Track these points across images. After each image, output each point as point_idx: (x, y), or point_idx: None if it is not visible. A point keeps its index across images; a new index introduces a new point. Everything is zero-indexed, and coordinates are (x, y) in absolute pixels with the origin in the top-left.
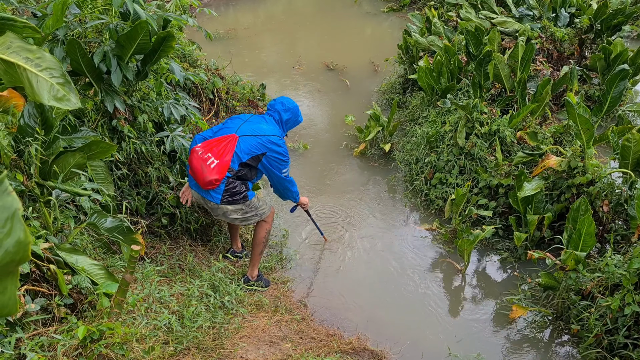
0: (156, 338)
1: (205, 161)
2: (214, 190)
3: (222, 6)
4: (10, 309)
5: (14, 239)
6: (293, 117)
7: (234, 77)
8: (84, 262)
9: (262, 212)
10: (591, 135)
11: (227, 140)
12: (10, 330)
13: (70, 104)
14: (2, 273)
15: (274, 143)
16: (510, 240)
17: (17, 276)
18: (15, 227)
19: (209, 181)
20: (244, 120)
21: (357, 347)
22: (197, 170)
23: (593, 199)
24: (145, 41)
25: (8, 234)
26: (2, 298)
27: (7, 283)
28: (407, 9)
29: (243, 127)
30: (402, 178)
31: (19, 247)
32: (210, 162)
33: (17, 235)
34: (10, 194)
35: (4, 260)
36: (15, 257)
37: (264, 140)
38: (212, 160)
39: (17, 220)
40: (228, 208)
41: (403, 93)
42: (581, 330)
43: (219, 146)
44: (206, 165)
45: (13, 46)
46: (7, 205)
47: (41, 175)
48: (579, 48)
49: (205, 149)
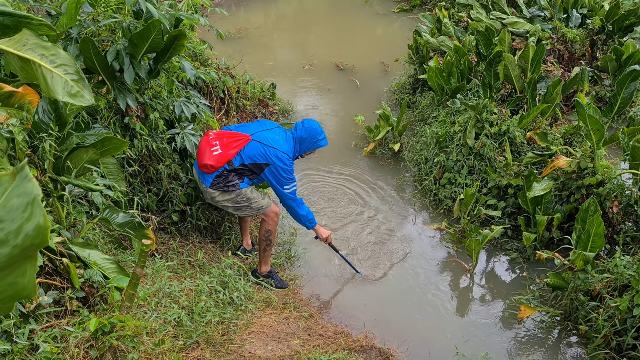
0: (166, 332)
1: (210, 146)
2: (208, 174)
3: (234, 6)
4: (29, 292)
5: (34, 224)
6: (309, 137)
7: (245, 76)
8: (96, 256)
9: (257, 205)
10: (601, 136)
11: (239, 138)
12: (24, 322)
13: (84, 100)
14: (22, 257)
15: (279, 158)
16: (519, 241)
17: (36, 260)
18: (35, 212)
19: (204, 164)
20: (266, 128)
21: (364, 344)
22: (200, 151)
23: (603, 199)
24: (157, 40)
25: (28, 219)
26: (22, 281)
27: (26, 266)
28: (417, 10)
29: (260, 134)
30: (411, 178)
31: (39, 232)
32: (214, 149)
33: (37, 220)
34: (31, 181)
35: (25, 244)
36: (35, 241)
37: (270, 152)
38: (217, 148)
39: (37, 206)
40: (216, 193)
41: (413, 93)
42: (589, 331)
43: (230, 140)
44: (210, 149)
45: (29, 43)
46: (27, 191)
47: (55, 170)
48: (590, 49)
49: (217, 136)
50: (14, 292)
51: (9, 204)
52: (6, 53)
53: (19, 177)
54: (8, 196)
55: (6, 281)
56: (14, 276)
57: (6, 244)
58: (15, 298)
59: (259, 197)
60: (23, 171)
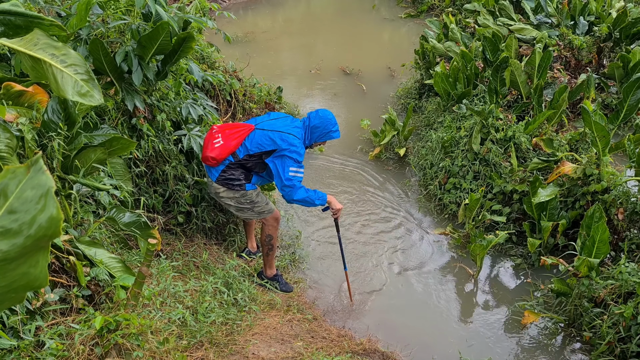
0: (170, 331)
1: (213, 138)
2: (214, 167)
3: (241, 10)
4: (41, 282)
5: (47, 215)
6: (322, 127)
7: (252, 80)
8: (102, 255)
9: (259, 209)
10: (607, 142)
11: (242, 129)
12: (30, 319)
13: (93, 99)
14: (35, 247)
15: (285, 141)
16: (524, 247)
17: (49, 251)
18: (48, 203)
19: (206, 156)
20: (272, 118)
21: (367, 348)
22: (204, 145)
23: (608, 206)
24: (165, 42)
25: (42, 210)
26: (34, 271)
27: (39, 257)
28: (424, 15)
29: (265, 122)
30: (416, 182)
31: (52, 223)
32: (216, 141)
33: (50, 211)
34: (45, 173)
35: (38, 234)
36: (48, 232)
37: (276, 136)
38: (219, 140)
39: (50, 198)
40: (221, 189)
41: (419, 98)
42: (593, 338)
43: (232, 130)
44: (212, 142)
45: (40, 43)
46: (41, 183)
47: (63, 169)
48: (597, 56)
49: (220, 129)
50: (26, 282)
51: (23, 196)
52: (17, 52)
53: (33, 169)
54: (22, 188)
55: (19, 271)
56: (27, 266)
57: (20, 234)
58: (28, 288)
59: (263, 202)
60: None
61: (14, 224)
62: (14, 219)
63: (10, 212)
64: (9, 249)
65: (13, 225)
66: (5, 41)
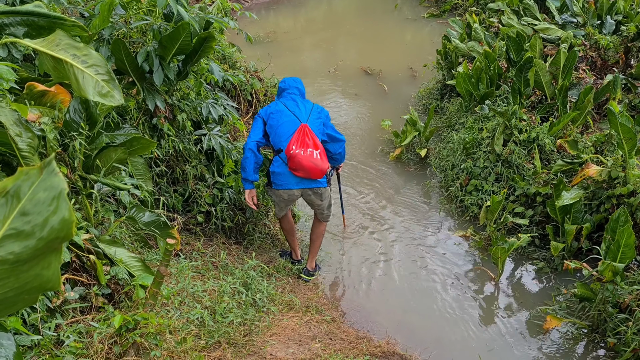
0: (188, 331)
1: (311, 156)
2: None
3: (263, 10)
4: (53, 284)
5: (60, 217)
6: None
7: (273, 80)
8: (122, 254)
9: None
10: (634, 145)
11: (304, 131)
12: (51, 317)
13: (114, 100)
14: (48, 249)
15: (320, 110)
16: (547, 250)
17: (61, 253)
18: (61, 205)
19: (321, 170)
20: (290, 110)
21: (386, 350)
22: (309, 167)
23: (634, 210)
24: (186, 42)
25: (54, 212)
26: (47, 273)
27: (51, 259)
28: (447, 15)
29: (299, 114)
30: (438, 184)
31: (64, 225)
32: (316, 155)
33: (63, 213)
34: (57, 175)
35: (50, 236)
36: (60, 234)
37: (314, 110)
38: (312, 151)
39: (62, 200)
40: (328, 190)
41: (441, 99)
42: (618, 344)
43: (305, 139)
44: (314, 158)
45: (62, 43)
46: (54, 185)
47: (84, 168)
48: (624, 56)
49: (300, 147)
50: (39, 283)
51: (36, 198)
52: (40, 53)
53: (45, 171)
54: (35, 190)
55: (32, 273)
56: (40, 268)
57: (32, 236)
58: (40, 289)
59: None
60: (50, 166)
61: (27, 225)
62: (27, 221)
63: (23, 214)
64: (21, 250)
65: (26, 227)
66: (28, 42)
